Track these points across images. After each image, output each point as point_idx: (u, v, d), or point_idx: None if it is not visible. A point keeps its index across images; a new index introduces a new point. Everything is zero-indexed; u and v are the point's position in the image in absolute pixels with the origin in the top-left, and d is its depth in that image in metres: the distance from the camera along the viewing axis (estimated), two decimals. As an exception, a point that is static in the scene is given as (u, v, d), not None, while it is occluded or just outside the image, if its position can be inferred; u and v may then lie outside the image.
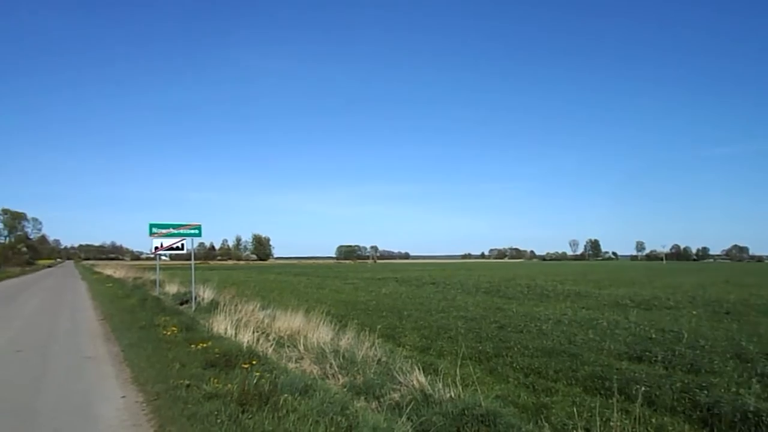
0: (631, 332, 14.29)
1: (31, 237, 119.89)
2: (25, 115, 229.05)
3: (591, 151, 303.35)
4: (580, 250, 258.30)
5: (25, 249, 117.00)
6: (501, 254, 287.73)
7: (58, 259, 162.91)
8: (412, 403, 6.35)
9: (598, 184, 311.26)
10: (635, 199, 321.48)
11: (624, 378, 8.75)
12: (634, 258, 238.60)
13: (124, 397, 6.95)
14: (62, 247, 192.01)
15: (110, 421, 5.87)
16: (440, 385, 6.77)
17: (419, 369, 7.34)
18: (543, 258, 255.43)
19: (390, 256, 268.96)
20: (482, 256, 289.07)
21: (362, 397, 7.04)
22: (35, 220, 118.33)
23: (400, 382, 7.19)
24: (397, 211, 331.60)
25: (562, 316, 18.02)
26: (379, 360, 9.13)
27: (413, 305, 23.00)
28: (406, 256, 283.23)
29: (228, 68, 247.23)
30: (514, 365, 10.54)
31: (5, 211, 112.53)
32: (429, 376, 7.23)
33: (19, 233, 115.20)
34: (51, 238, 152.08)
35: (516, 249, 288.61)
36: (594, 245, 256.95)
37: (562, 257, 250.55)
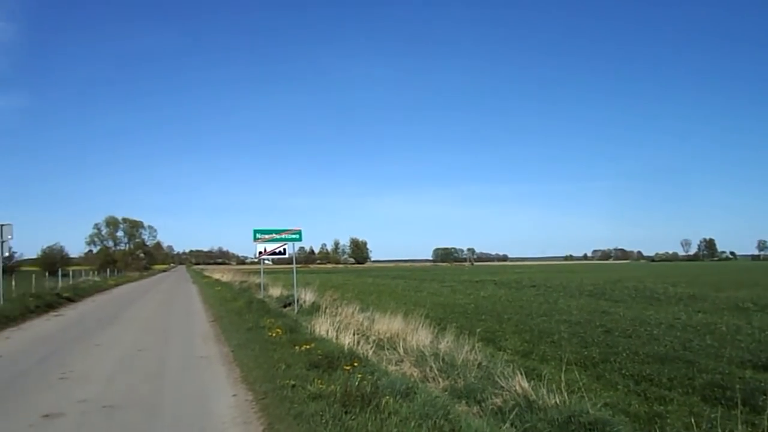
0: (754, 338, 13.18)
1: (148, 243, 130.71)
2: (141, 127, 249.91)
3: (705, 143, 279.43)
4: (693, 250, 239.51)
5: (142, 255, 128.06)
6: (605, 255, 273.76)
7: (172, 264, 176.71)
8: (516, 408, 6.23)
9: (713, 178, 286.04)
10: (756, 193, 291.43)
11: (748, 387, 8.08)
12: (755, 258, 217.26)
13: (235, 395, 7.39)
14: (175, 252, 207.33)
15: (223, 417, 6.27)
16: (544, 391, 6.59)
17: (521, 374, 7.19)
18: (651, 259, 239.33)
19: (487, 258, 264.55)
20: (585, 257, 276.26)
21: (463, 401, 7.01)
22: (151, 227, 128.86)
23: (501, 387, 7.08)
24: (494, 212, 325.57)
25: (675, 321, 16.96)
26: (480, 364, 9.06)
27: (513, 308, 22.54)
28: (504, 258, 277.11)
29: (327, 75, 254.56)
30: (623, 372, 10.05)
31: (125, 220, 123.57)
32: (532, 382, 7.07)
33: (137, 240, 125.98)
34: (165, 244, 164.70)
35: (621, 250, 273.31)
36: (709, 245, 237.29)
37: (672, 258, 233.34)
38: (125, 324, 16.89)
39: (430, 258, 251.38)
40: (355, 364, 8.21)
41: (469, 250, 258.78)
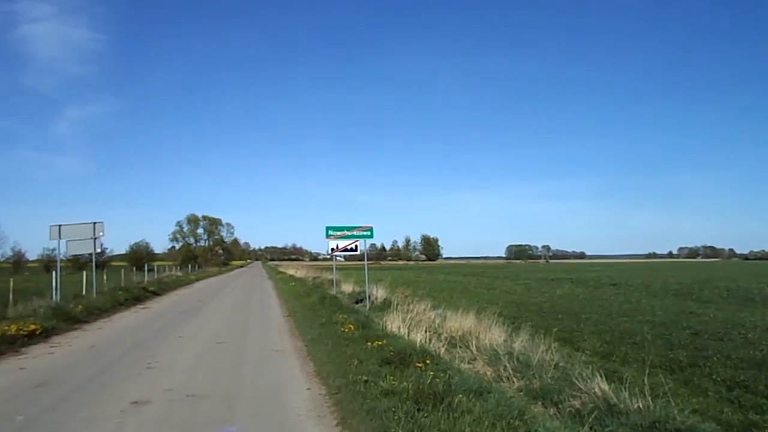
0: None
1: (226, 240, 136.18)
2: (221, 127, 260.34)
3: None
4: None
5: (221, 251, 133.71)
6: (692, 253, 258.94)
7: (248, 260, 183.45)
8: (595, 411, 6.04)
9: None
10: None
11: None
12: None
13: (309, 389, 7.61)
14: (251, 249, 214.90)
15: (298, 410, 6.46)
16: (626, 395, 6.34)
17: (601, 376, 6.94)
18: (745, 257, 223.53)
19: (563, 255, 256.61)
20: (670, 255, 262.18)
21: (539, 402, 6.87)
22: (229, 224, 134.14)
23: (580, 389, 6.88)
24: (571, 208, 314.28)
25: (773, 324, 15.76)
26: (556, 364, 8.84)
27: (591, 308, 21.81)
28: (582, 255, 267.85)
29: (401, 74, 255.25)
30: (714, 377, 9.51)
31: (205, 218, 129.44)
32: (612, 384, 6.81)
33: (216, 237, 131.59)
34: (242, 240, 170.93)
35: (711, 247, 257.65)
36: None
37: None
38: (205, 317, 17.71)
39: (503, 255, 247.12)
40: (427, 361, 8.21)
41: (543, 247, 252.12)
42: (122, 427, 5.81)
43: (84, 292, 21.69)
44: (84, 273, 24.22)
